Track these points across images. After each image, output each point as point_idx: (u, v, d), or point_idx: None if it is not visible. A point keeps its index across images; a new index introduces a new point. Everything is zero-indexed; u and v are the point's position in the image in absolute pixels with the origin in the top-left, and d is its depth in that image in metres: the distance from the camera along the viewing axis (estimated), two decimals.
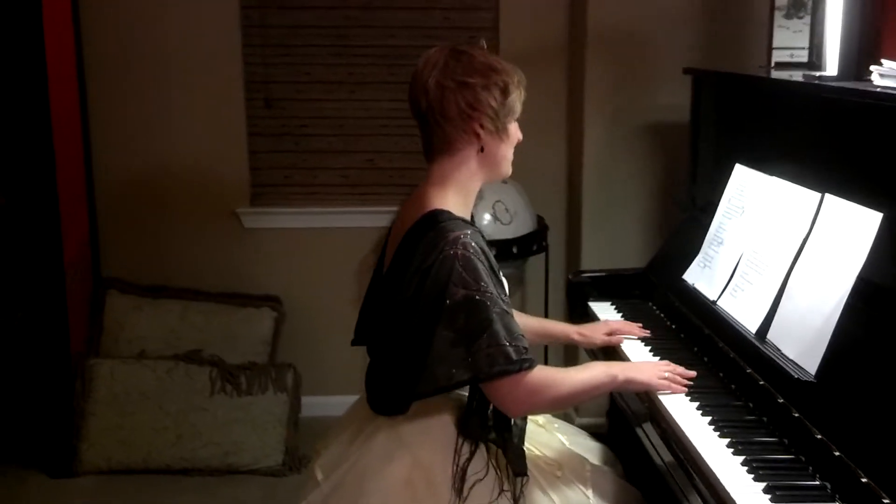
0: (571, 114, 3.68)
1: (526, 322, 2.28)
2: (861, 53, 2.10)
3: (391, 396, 1.90)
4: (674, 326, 2.43)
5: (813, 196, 1.98)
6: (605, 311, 2.61)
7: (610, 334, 2.31)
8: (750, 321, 2.02)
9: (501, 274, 2.03)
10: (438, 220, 1.86)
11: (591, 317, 2.58)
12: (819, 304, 1.80)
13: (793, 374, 1.76)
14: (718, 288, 2.23)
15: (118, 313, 3.58)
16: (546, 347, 3.55)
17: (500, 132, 1.93)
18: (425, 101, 1.91)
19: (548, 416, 2.22)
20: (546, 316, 3.44)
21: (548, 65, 3.69)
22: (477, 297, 1.78)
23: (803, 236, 1.95)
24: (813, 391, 1.73)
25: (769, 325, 1.95)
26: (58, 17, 3.35)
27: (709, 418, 1.86)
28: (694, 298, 2.33)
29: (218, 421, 3.37)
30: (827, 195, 1.92)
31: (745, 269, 2.16)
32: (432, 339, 1.78)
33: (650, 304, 2.64)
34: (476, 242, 1.83)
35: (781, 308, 1.94)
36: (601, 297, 2.71)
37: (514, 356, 1.79)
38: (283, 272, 3.77)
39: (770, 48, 2.72)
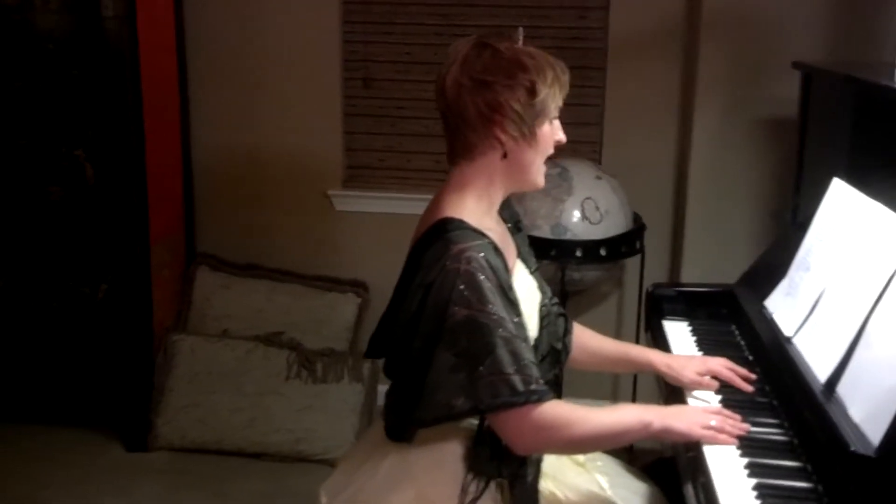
0: (684, 103, 3.38)
1: (602, 345, 2.07)
2: None
3: (398, 422, 1.75)
4: (751, 358, 2.15)
5: None
6: (679, 332, 2.35)
7: (704, 374, 1.97)
8: (821, 368, 1.74)
9: (528, 290, 1.84)
10: (446, 230, 1.68)
11: (662, 337, 2.33)
12: (894, 359, 1.51)
13: (850, 443, 1.49)
14: (797, 321, 1.94)
15: (207, 290, 3.59)
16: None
17: (527, 137, 1.72)
18: (443, 101, 1.74)
19: (593, 453, 2.01)
20: (637, 328, 3.19)
21: (661, 49, 3.39)
22: (480, 319, 1.61)
23: (890, 274, 1.65)
24: (871, 467, 1.45)
25: (840, 376, 1.67)
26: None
27: (756, 481, 1.61)
28: (773, 329, 2.05)
29: (292, 406, 3.32)
30: None
31: (826, 303, 1.86)
32: (431, 362, 1.62)
33: (733, 327, 2.36)
34: (485, 257, 1.64)
35: (856, 357, 1.65)
36: (679, 315, 2.43)
37: (519, 387, 1.60)
38: (372, 258, 3.66)
39: None
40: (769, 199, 3.13)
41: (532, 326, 1.86)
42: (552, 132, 1.77)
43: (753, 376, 1.97)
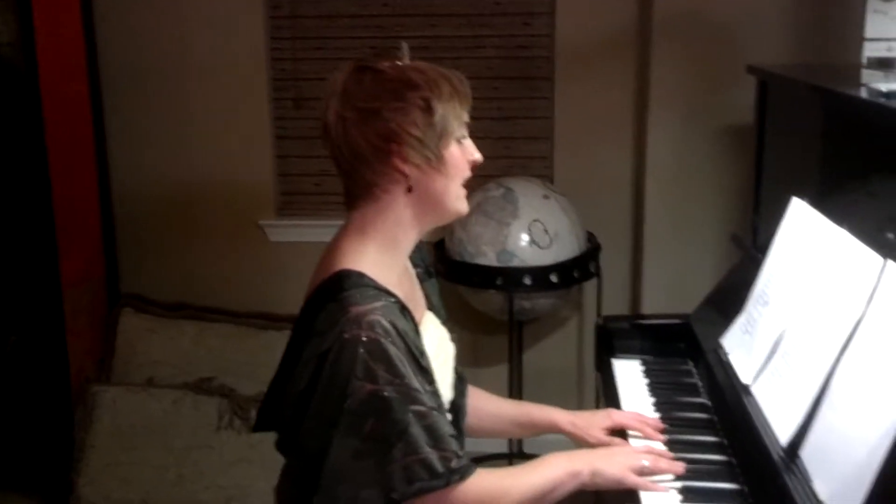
0: (638, 113, 3.12)
1: (500, 407, 1.83)
2: None
3: None
4: (709, 403, 1.89)
5: (874, 260, 1.41)
6: (630, 372, 2.09)
7: (612, 430, 1.76)
8: (782, 426, 1.47)
9: (440, 344, 1.60)
10: (342, 288, 1.42)
11: (611, 379, 2.07)
12: (864, 426, 1.25)
13: None
14: (756, 366, 1.68)
15: (131, 335, 3.30)
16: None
17: (433, 163, 1.48)
18: (329, 141, 1.49)
19: None
20: None
21: (612, 57, 3.14)
22: (385, 394, 1.36)
23: (856, 317, 1.39)
24: None
25: (804, 439, 1.40)
26: (61, 23, 3.06)
27: None
28: (730, 374, 1.78)
29: (224, 460, 3.03)
30: (889, 263, 1.35)
31: (787, 346, 1.60)
32: (330, 448, 1.36)
33: (692, 364, 2.10)
34: (389, 319, 1.39)
35: (821, 418, 1.38)
36: (633, 351, 2.17)
37: (438, 467, 1.37)
38: None
39: (861, 40, 2.10)
40: (732, 218, 2.87)
41: (446, 386, 1.60)
42: (463, 153, 1.53)
43: (662, 426, 1.77)
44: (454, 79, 1.48)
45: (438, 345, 1.61)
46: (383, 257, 1.50)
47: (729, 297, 2.05)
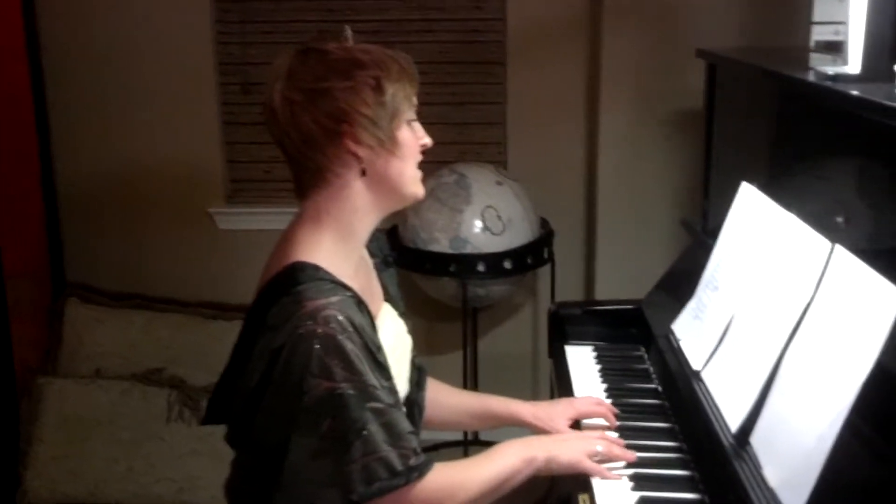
0: (590, 98, 3.11)
1: (460, 399, 1.81)
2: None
3: None
4: (660, 389, 1.89)
5: (822, 245, 1.41)
6: (582, 359, 2.08)
7: (575, 420, 1.73)
8: (732, 413, 1.47)
9: (398, 336, 1.58)
10: (297, 282, 1.38)
11: (563, 366, 2.06)
12: (813, 413, 1.24)
13: None
14: (706, 352, 1.68)
15: (77, 325, 3.23)
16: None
17: (386, 144, 1.44)
18: (276, 127, 1.44)
19: None
20: None
21: (564, 41, 3.12)
22: (345, 391, 1.32)
23: (805, 302, 1.39)
24: None
25: (754, 425, 1.40)
26: None
27: None
28: (681, 360, 1.78)
29: (174, 452, 2.99)
30: (837, 247, 1.35)
31: (736, 332, 1.60)
32: (287, 449, 1.33)
33: (643, 350, 2.10)
34: (345, 314, 1.35)
35: (770, 404, 1.38)
36: (584, 339, 2.17)
37: (397, 465, 1.34)
38: None
39: (809, 23, 2.09)
40: (685, 203, 2.87)
41: (402, 381, 1.58)
42: (414, 135, 1.49)
43: (616, 412, 1.76)
44: (401, 59, 1.45)
45: (395, 337, 1.58)
46: (339, 247, 1.46)
47: (680, 283, 2.05)
